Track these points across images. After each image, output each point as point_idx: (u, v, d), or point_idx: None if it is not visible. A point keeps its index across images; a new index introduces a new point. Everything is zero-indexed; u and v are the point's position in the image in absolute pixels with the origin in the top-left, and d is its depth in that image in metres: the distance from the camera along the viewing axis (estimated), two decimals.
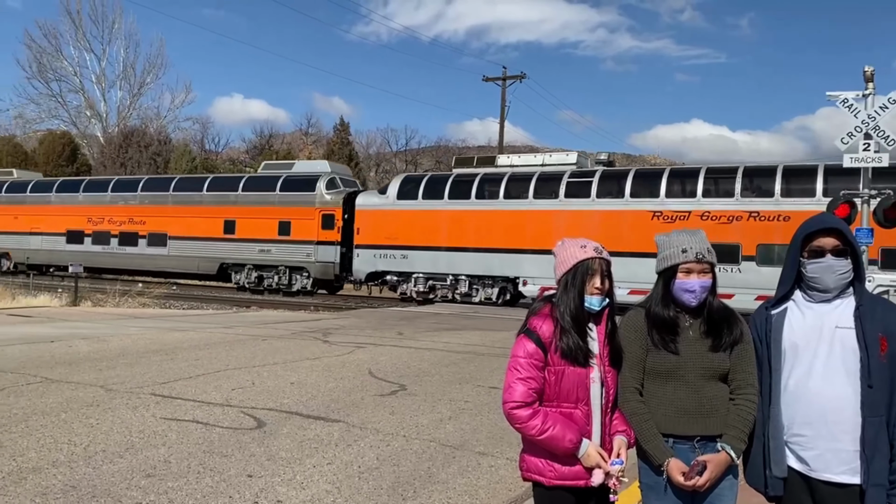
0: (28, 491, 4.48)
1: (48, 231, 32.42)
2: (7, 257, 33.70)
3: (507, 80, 38.26)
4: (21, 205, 33.56)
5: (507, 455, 5.76)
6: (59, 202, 32.62)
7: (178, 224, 29.03)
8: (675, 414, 2.78)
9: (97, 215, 31.18)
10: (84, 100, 59.41)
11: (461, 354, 11.28)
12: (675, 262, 2.82)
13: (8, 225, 33.69)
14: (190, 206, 29.09)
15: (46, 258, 32.34)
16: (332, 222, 25.97)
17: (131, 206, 30.48)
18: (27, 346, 10.37)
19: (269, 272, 27.36)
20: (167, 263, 29.29)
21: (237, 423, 6.43)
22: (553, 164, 23.34)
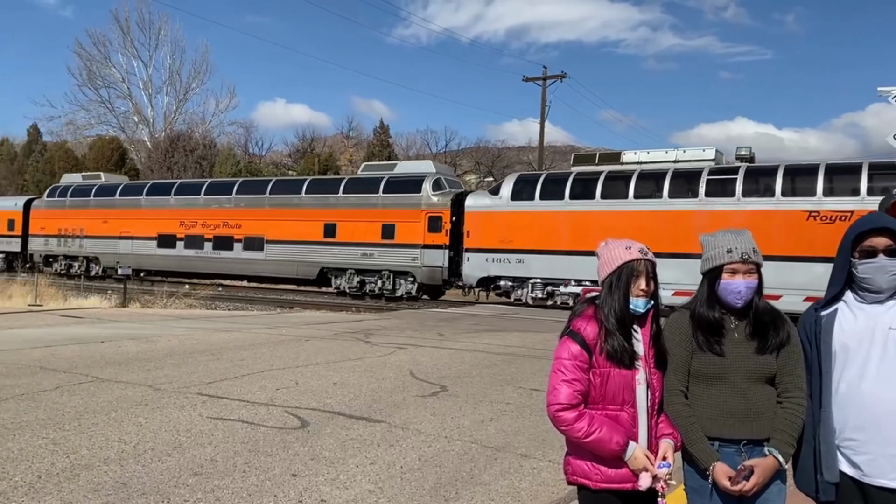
0: (81, 487, 4.60)
1: (138, 235, 32.05)
2: (96, 262, 33.51)
3: (547, 79, 38.09)
4: (110, 209, 33.24)
5: (550, 457, 5.72)
6: (150, 205, 32.14)
7: (276, 227, 28.22)
8: (721, 417, 2.74)
9: (190, 219, 30.55)
10: (132, 105, 60.93)
11: (501, 356, 11.25)
12: (719, 263, 2.78)
13: (97, 229, 33.46)
14: (288, 208, 28.18)
15: (137, 262, 31.54)
16: (440, 225, 24.78)
17: (226, 210, 29.69)
18: (79, 347, 10.66)
19: (371, 277, 26.42)
20: (264, 268, 28.53)
21: (281, 422, 6.51)
22: (688, 161, 21.63)
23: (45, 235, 35.57)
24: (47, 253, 35.40)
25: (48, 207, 35.88)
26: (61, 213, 35.02)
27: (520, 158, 69.33)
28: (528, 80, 39.03)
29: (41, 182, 55.23)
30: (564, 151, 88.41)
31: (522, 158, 68.54)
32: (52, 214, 35.43)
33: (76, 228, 34.10)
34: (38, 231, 35.97)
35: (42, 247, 35.66)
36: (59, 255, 34.90)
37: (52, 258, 35.25)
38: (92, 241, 33.55)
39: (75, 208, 34.60)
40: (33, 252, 36.00)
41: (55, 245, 35.03)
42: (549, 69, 38.75)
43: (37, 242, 35.96)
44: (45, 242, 35.51)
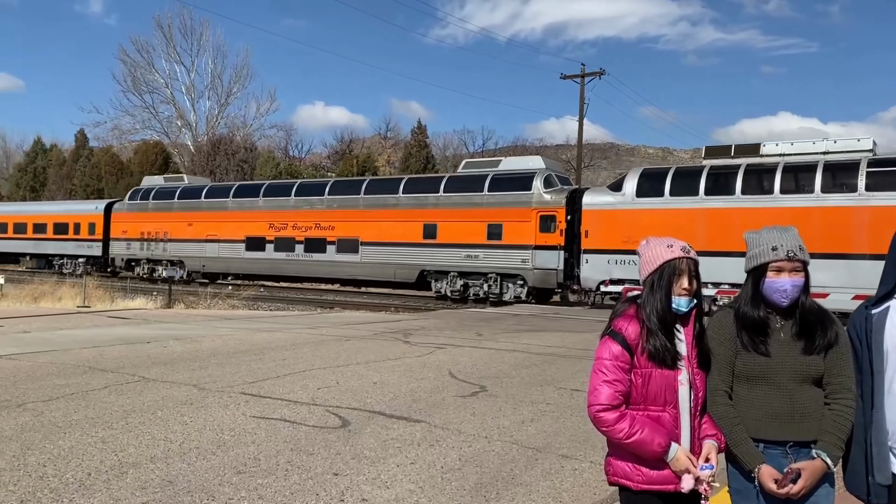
0: (129, 485, 4.71)
1: (225, 238, 31.12)
2: (181, 266, 32.82)
3: (585, 77, 37.77)
4: (195, 211, 32.47)
5: (591, 458, 5.68)
6: (237, 207, 31.18)
7: (371, 229, 27.03)
8: (767, 418, 2.68)
9: (280, 221, 29.43)
10: (175, 110, 62.21)
11: (541, 356, 11.19)
12: (764, 261, 2.72)
13: (182, 232, 32.70)
14: (384, 209, 26.90)
15: (224, 266, 31.10)
16: (553, 224, 23.21)
17: (318, 211, 28.50)
18: (126, 347, 10.90)
19: (476, 280, 24.93)
20: (359, 271, 27.30)
21: (323, 421, 6.57)
22: (840, 151, 19.78)
23: (127, 239, 35.01)
24: (129, 257, 34.84)
25: (130, 210, 35.27)
26: (144, 217, 34.44)
27: (558, 156, 68.90)
28: (566, 77, 38.76)
29: (88, 186, 56.70)
30: (604, 149, 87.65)
31: (561, 157, 68.12)
32: (134, 217, 34.85)
33: (160, 232, 33.48)
34: (119, 235, 35.46)
35: (124, 251, 35.10)
36: (141, 259, 34.33)
37: (134, 262, 34.71)
38: (176, 244, 32.91)
39: (158, 211, 34.00)
40: (115, 256, 35.53)
41: (138, 249, 34.44)
42: (587, 66, 38.52)
43: (118, 246, 35.44)
44: (128, 246, 34.93)
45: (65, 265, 38.30)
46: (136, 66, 60.99)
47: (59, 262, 38.61)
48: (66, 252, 38.41)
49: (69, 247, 38.23)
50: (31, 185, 63.84)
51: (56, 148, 68.27)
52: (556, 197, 23.70)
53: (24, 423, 6.18)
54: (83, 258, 37.43)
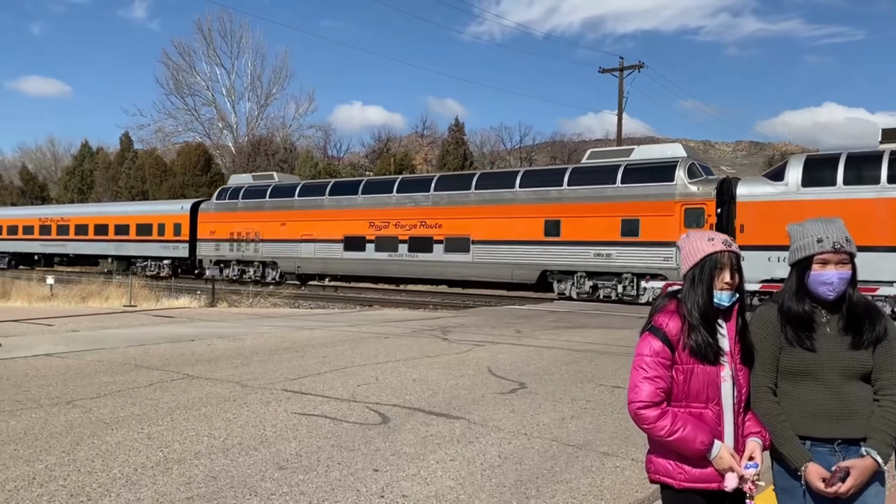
0: (174, 480, 4.80)
1: (322, 238, 29.61)
2: (273, 267, 31.57)
3: (624, 70, 37.34)
4: (289, 210, 30.97)
5: (633, 456, 5.61)
6: (334, 206, 29.53)
7: (484, 226, 25.14)
8: (813, 415, 2.62)
9: (381, 219, 27.86)
10: (216, 112, 63.25)
11: (581, 353, 11.11)
12: (809, 253, 2.65)
13: (274, 232, 31.30)
14: (498, 204, 24.94)
15: (321, 267, 29.70)
16: (701, 218, 21.12)
17: (423, 208, 26.79)
18: (171, 345, 11.12)
19: (607, 280, 23.01)
20: (471, 272, 25.63)
21: (363, 418, 6.61)
22: None
23: (215, 240, 33.72)
24: (218, 258, 33.59)
25: (218, 210, 33.91)
26: (233, 216, 33.07)
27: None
28: (605, 71, 38.37)
29: (133, 188, 57.92)
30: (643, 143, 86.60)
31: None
32: (222, 217, 33.51)
33: (250, 232, 32.13)
34: (207, 235, 34.15)
35: (212, 252, 33.78)
36: (231, 261, 33.08)
37: (223, 263, 33.50)
38: (269, 244, 31.47)
39: (249, 210, 32.54)
40: (202, 258, 34.37)
41: (227, 250, 33.15)
42: (625, 60, 38.00)
43: (206, 247, 34.19)
44: (216, 247, 33.63)
45: (148, 267, 37.42)
46: (178, 69, 62.24)
47: (142, 265, 37.74)
48: (149, 254, 37.41)
49: (153, 248, 37.21)
50: (78, 188, 65.50)
51: (102, 151, 69.90)
52: (703, 188, 21.46)
53: (73, 419, 6.34)
54: (168, 260, 36.59)
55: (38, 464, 5.05)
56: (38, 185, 70.64)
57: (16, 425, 6.08)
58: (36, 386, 7.76)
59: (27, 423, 6.17)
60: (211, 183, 55.77)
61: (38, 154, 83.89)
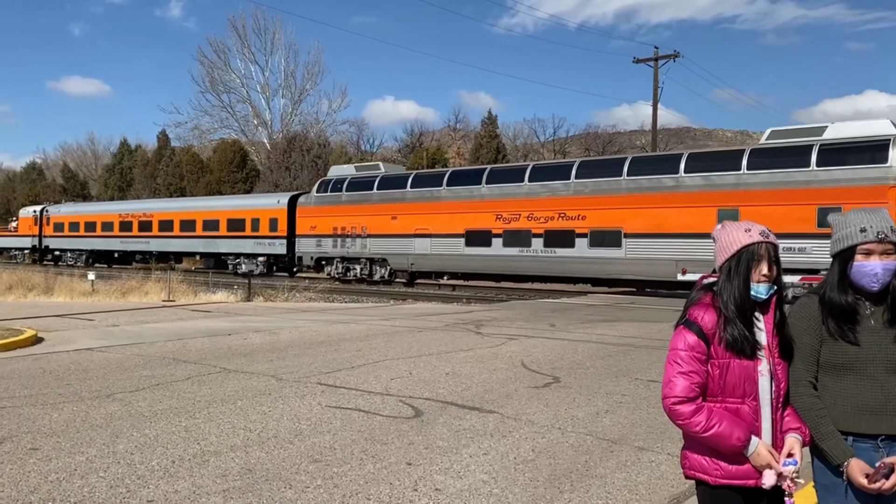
0: (210, 472, 4.86)
1: (439, 232, 27.19)
2: (382, 264, 29.39)
3: (659, 60, 36.83)
4: (400, 202, 28.64)
5: (669, 451, 5.54)
6: (453, 197, 27.10)
7: (640, 217, 22.31)
8: (855, 410, 2.54)
9: (510, 210, 25.32)
10: (251, 109, 63.95)
11: (616, 347, 11.00)
12: (852, 243, 2.57)
13: (383, 227, 29.00)
14: (658, 193, 22.19)
15: (438, 264, 27.37)
16: None
17: (561, 198, 24.09)
18: (208, 339, 11.28)
19: (796, 277, 19.68)
20: (623, 268, 22.96)
21: (396, 411, 6.63)
22: None
23: (316, 235, 31.45)
24: (320, 255, 31.36)
25: (319, 204, 31.66)
26: (336, 210, 30.80)
27: (632, 143, 67.59)
28: (639, 61, 37.89)
29: (171, 185, 58.89)
30: (679, 134, 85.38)
31: (635, 142, 66.79)
32: (324, 211, 31.26)
33: (356, 226, 29.85)
34: (307, 231, 31.91)
35: (313, 248, 31.58)
36: (334, 258, 30.84)
37: (325, 261, 31.35)
38: (377, 240, 29.14)
39: (354, 203, 30.20)
40: (302, 254, 32.23)
41: (330, 246, 30.91)
42: (660, 49, 37.46)
43: (306, 244, 31.95)
44: (318, 243, 31.37)
45: (240, 265, 35.33)
46: (214, 67, 63.08)
47: (233, 262, 35.82)
48: (242, 251, 35.35)
49: (247, 245, 35.08)
50: (118, 185, 66.81)
51: (141, 149, 71.18)
52: None
53: (113, 412, 6.46)
54: (263, 257, 34.53)
55: (79, 456, 5.15)
56: (79, 183, 72.21)
57: (58, 418, 6.22)
58: (77, 380, 7.94)
59: (69, 415, 6.31)
60: (246, 179, 56.49)
61: (79, 152, 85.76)
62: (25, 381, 7.79)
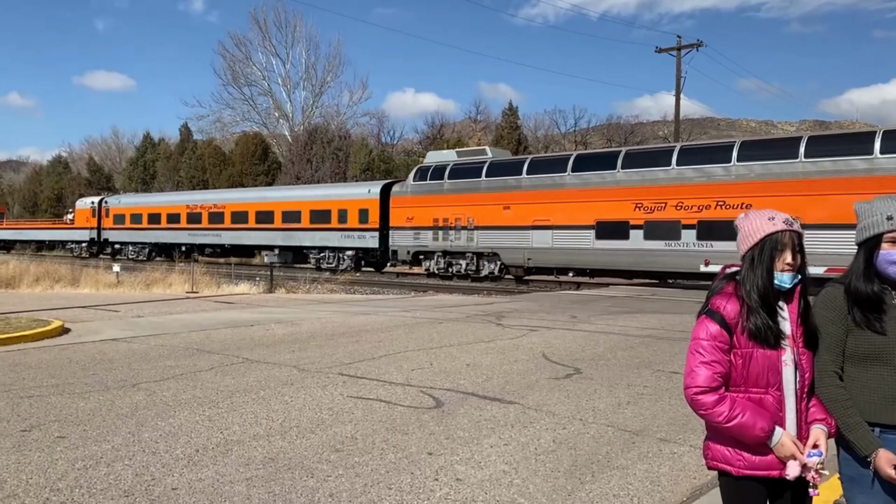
0: (233, 461, 4.91)
1: (563, 224, 24.10)
2: (492, 258, 26.47)
3: (681, 49, 36.43)
4: (514, 191, 25.66)
5: (691, 442, 5.51)
6: (580, 184, 23.98)
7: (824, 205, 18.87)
8: (883, 401, 2.50)
9: (652, 198, 22.22)
10: (272, 101, 64.20)
11: (638, 338, 10.94)
12: (878, 231, 2.53)
13: (494, 217, 26.11)
14: (847, 177, 18.88)
15: (561, 259, 24.26)
16: None
17: (720, 184, 21.12)
18: (230, 330, 11.38)
19: None
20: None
21: (417, 402, 6.65)
22: None
23: (414, 228, 28.66)
24: (418, 249, 28.55)
25: (417, 193, 28.75)
26: (437, 200, 27.92)
27: (654, 133, 67.03)
28: (661, 50, 37.49)
29: (194, 178, 59.38)
30: (703, 124, 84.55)
31: (658, 133, 66.22)
32: (423, 201, 28.37)
33: (461, 218, 27.01)
34: (402, 223, 29.13)
35: (410, 241, 28.76)
36: (434, 252, 28.07)
37: (423, 255, 28.65)
38: (487, 232, 26.27)
39: (458, 192, 27.29)
40: (397, 248, 29.42)
41: (429, 239, 28.10)
42: (683, 39, 37.03)
43: (402, 236, 29.12)
44: (416, 236, 28.60)
45: (325, 259, 32.87)
46: (235, 60, 63.34)
47: (316, 257, 33.31)
48: (327, 244, 32.57)
49: (333, 238, 32.35)
50: (141, 178, 67.53)
51: (164, 142, 71.82)
52: None
53: (138, 401, 6.55)
54: (351, 251, 31.87)
55: (105, 444, 5.23)
56: (104, 176, 73.10)
57: (84, 407, 6.31)
58: (103, 370, 8.05)
59: (95, 405, 6.40)
60: (268, 172, 56.80)
61: (104, 146, 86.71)
62: (53, 371, 7.92)
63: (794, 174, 19.98)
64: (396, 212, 29.60)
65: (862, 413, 2.52)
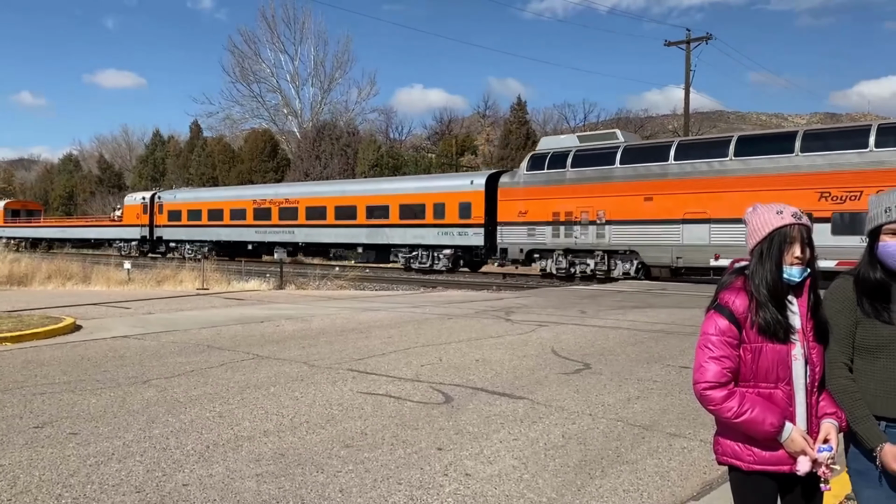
0: (244, 457, 4.93)
1: (724, 217, 20.85)
2: (628, 257, 23.60)
3: (691, 42, 36.24)
4: (658, 179, 22.52)
5: (701, 437, 5.49)
6: (747, 170, 20.79)
7: None
8: (888, 394, 2.49)
9: (843, 186, 18.97)
10: (281, 98, 64.33)
11: (648, 333, 10.91)
12: (878, 223, 2.53)
13: (631, 211, 23.11)
14: None
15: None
16: None
17: None
18: (241, 327, 11.42)
19: None
20: None
21: (426, 397, 6.66)
22: None
23: (528, 223, 25.65)
24: (534, 247, 25.54)
25: (532, 184, 25.65)
26: (558, 191, 24.84)
27: (664, 127, 66.72)
28: (671, 44, 37.31)
29: (203, 175, 59.62)
30: (712, 117, 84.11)
31: (667, 127, 65.92)
32: (540, 192, 25.31)
33: (589, 211, 24.08)
34: (514, 217, 26.04)
35: (524, 238, 25.79)
36: (554, 250, 25.11)
37: (538, 253, 25.67)
38: (621, 227, 23.35)
39: (584, 182, 24.24)
40: (507, 246, 26.32)
41: (548, 235, 25.14)
42: (692, 32, 36.83)
43: (514, 233, 26.10)
44: (529, 232, 25.57)
45: (417, 258, 30.14)
46: (244, 57, 63.55)
47: (407, 255, 30.56)
48: (421, 241, 29.68)
49: (427, 235, 29.43)
50: (151, 175, 67.83)
51: (173, 139, 72.12)
52: None
53: (149, 398, 6.59)
54: (449, 249, 28.87)
55: (116, 440, 5.27)
56: (114, 174, 73.48)
57: (96, 403, 6.35)
58: (114, 366, 8.10)
59: (106, 401, 6.45)
60: (277, 168, 56.94)
61: (114, 144, 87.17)
62: (65, 368, 7.98)
63: None
64: (506, 205, 26.46)
65: (869, 406, 2.51)
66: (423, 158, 55.24)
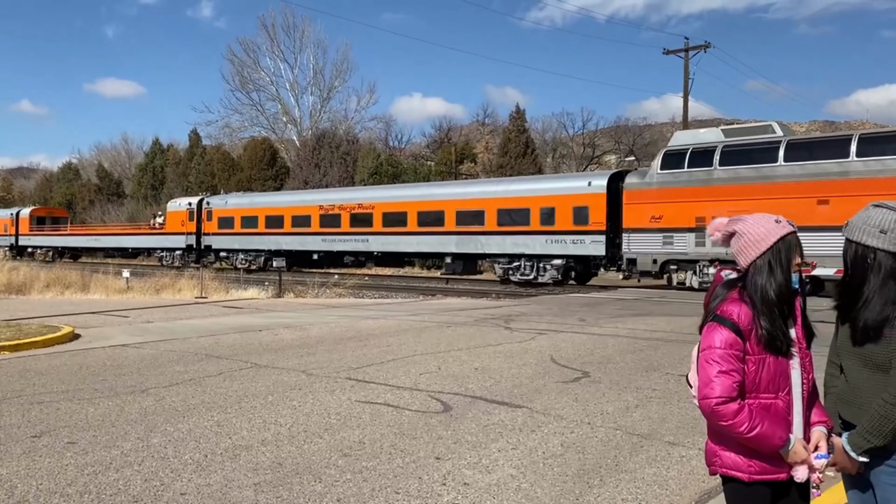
0: (242, 466, 4.92)
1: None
2: None
3: (689, 51, 36.35)
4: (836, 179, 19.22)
5: (699, 445, 5.47)
6: None
7: None
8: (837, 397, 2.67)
9: None
10: (280, 107, 64.44)
11: (647, 341, 10.91)
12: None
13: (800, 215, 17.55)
14: None
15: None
16: None
17: None
18: (239, 335, 11.41)
19: None
20: None
21: (425, 406, 6.65)
22: None
23: (662, 230, 22.42)
24: (670, 257, 22.36)
25: (666, 185, 22.40)
26: (701, 192, 21.61)
27: (663, 135, 66.74)
28: (669, 52, 37.44)
29: (203, 183, 59.58)
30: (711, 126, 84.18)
31: (666, 135, 65.95)
32: (677, 194, 22.06)
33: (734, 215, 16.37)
34: (645, 223, 22.78)
35: (658, 247, 22.50)
36: (697, 261, 21.82)
37: (674, 264, 22.40)
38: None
39: (735, 182, 20.94)
40: (635, 256, 22.98)
41: (690, 244, 21.78)
42: (690, 40, 36.95)
43: (644, 241, 22.82)
44: (666, 239, 22.31)
45: (519, 270, 26.50)
46: (243, 65, 63.65)
47: (506, 266, 26.92)
48: (525, 251, 26.20)
49: (533, 243, 25.91)
50: (151, 184, 67.81)
51: (172, 147, 72.11)
52: None
53: (147, 407, 6.57)
54: (559, 259, 25.40)
55: (114, 449, 5.25)
56: (113, 182, 73.47)
57: (94, 412, 6.34)
58: (112, 375, 8.08)
59: (105, 410, 6.43)
60: (276, 177, 56.94)
61: (113, 152, 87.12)
62: (63, 377, 7.96)
63: None
64: (634, 209, 23.12)
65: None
66: (422, 166, 55.26)
